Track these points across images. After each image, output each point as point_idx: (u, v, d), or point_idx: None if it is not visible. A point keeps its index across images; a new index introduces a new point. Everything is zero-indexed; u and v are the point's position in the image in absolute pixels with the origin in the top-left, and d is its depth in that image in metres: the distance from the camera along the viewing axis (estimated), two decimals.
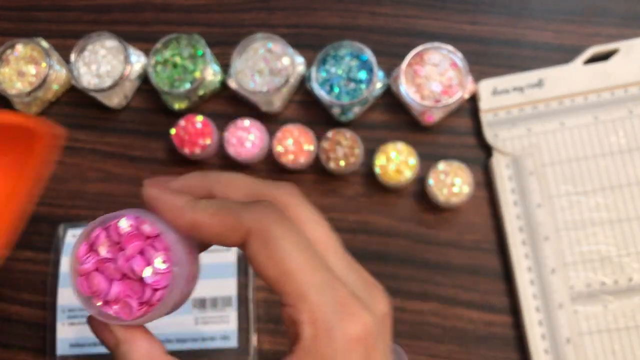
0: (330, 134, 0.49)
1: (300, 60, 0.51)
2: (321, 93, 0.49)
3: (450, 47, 0.49)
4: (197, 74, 0.51)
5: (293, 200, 0.26)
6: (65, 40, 0.55)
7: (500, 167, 0.49)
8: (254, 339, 0.48)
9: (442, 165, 0.47)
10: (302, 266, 0.24)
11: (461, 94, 0.48)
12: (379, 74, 0.50)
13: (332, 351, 0.23)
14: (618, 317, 0.46)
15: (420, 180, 0.49)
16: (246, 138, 0.49)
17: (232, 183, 0.26)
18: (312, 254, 0.24)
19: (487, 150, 0.50)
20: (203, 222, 0.25)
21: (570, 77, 0.49)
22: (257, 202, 0.25)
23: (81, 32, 0.53)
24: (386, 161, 0.48)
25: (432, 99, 0.48)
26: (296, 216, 0.25)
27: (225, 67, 0.53)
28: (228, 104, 0.53)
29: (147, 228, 0.25)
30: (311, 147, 0.49)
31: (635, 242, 0.47)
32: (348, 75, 0.50)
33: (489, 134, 0.49)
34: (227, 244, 0.25)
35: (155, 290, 0.25)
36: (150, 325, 0.26)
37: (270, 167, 0.51)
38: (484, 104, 0.49)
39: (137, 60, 0.53)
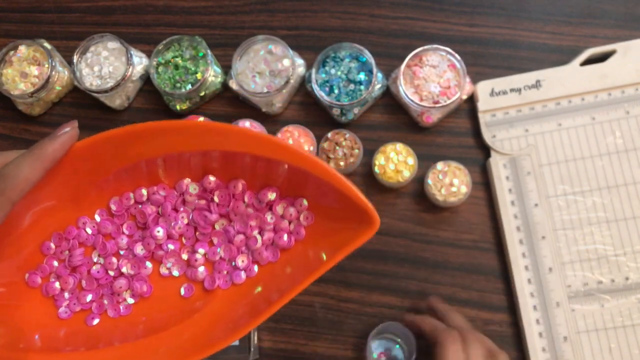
0: (330, 134, 0.49)
1: (300, 61, 0.52)
2: (321, 94, 0.50)
3: (448, 49, 0.49)
4: (199, 75, 0.51)
5: None
6: (68, 41, 0.56)
7: (498, 167, 0.49)
8: (254, 337, 0.49)
9: (440, 166, 0.48)
10: None
11: (459, 95, 0.48)
12: (378, 75, 0.50)
13: None
14: (615, 315, 0.46)
15: (419, 180, 0.50)
16: None
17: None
18: None
19: (485, 150, 0.50)
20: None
21: (568, 78, 0.50)
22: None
23: (84, 33, 0.53)
24: (385, 161, 0.48)
25: (431, 100, 0.49)
26: None
27: (226, 68, 0.53)
28: (229, 105, 0.54)
29: None
30: (311, 148, 0.49)
31: (632, 242, 0.47)
32: (347, 77, 0.50)
33: (486, 135, 0.50)
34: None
35: None
36: None
37: None
38: (482, 105, 0.50)
39: (139, 62, 0.53)
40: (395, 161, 0.48)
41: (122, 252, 0.42)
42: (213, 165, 0.40)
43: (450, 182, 0.48)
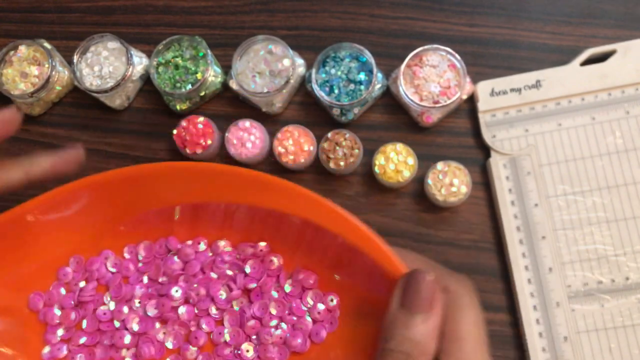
0: (330, 134, 0.49)
1: (300, 61, 0.52)
2: (321, 94, 0.50)
3: (448, 49, 0.49)
4: (199, 75, 0.51)
5: (466, 290, 0.32)
6: (68, 41, 0.56)
7: (498, 167, 0.49)
8: None
9: (440, 166, 0.48)
10: (472, 339, 0.30)
11: (459, 95, 0.48)
12: (378, 75, 0.50)
13: None
14: (615, 315, 0.46)
15: (419, 180, 0.50)
16: (247, 138, 0.50)
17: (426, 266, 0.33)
18: (481, 335, 0.31)
19: (485, 150, 0.50)
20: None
21: (568, 78, 0.50)
22: (459, 278, 0.33)
23: (84, 33, 0.53)
24: (385, 161, 0.48)
25: (431, 100, 0.49)
26: (464, 304, 0.31)
27: (226, 68, 0.53)
28: (229, 105, 0.54)
29: None
30: (311, 148, 0.49)
31: (632, 242, 0.47)
32: (347, 77, 0.50)
33: (486, 135, 0.50)
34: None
35: None
36: None
37: (270, 167, 0.51)
38: (482, 104, 0.50)
39: (139, 62, 0.53)
40: (395, 161, 0.48)
41: (137, 304, 0.38)
42: (256, 228, 0.37)
43: (450, 182, 0.48)
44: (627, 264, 0.47)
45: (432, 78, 0.49)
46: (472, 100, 0.51)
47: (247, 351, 0.37)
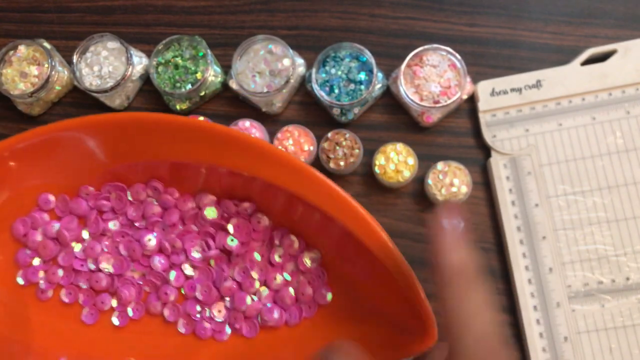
0: (330, 134, 0.49)
1: (300, 61, 0.52)
2: (321, 94, 0.49)
3: (449, 49, 0.49)
4: (199, 75, 0.51)
5: None
6: (68, 41, 0.56)
7: (498, 167, 0.49)
8: None
9: (440, 166, 0.48)
10: None
11: (460, 94, 0.48)
12: (379, 75, 0.50)
13: None
14: (615, 316, 0.46)
15: (419, 180, 0.50)
16: None
17: None
18: None
19: (485, 150, 0.50)
20: None
21: (568, 78, 0.50)
22: None
23: (83, 33, 0.53)
24: (385, 161, 0.48)
25: (431, 100, 0.49)
26: None
27: (226, 68, 0.53)
28: (229, 105, 0.54)
29: None
30: (311, 148, 0.49)
31: (633, 242, 0.47)
32: (348, 77, 0.50)
33: (487, 135, 0.50)
34: None
35: None
36: None
37: None
38: (482, 104, 0.50)
39: (139, 62, 0.53)
40: (396, 161, 0.48)
41: (106, 243, 0.35)
42: (251, 195, 0.34)
43: (451, 182, 0.48)
44: (627, 264, 0.47)
45: (433, 78, 0.49)
46: (472, 100, 0.51)
47: (219, 311, 0.34)
